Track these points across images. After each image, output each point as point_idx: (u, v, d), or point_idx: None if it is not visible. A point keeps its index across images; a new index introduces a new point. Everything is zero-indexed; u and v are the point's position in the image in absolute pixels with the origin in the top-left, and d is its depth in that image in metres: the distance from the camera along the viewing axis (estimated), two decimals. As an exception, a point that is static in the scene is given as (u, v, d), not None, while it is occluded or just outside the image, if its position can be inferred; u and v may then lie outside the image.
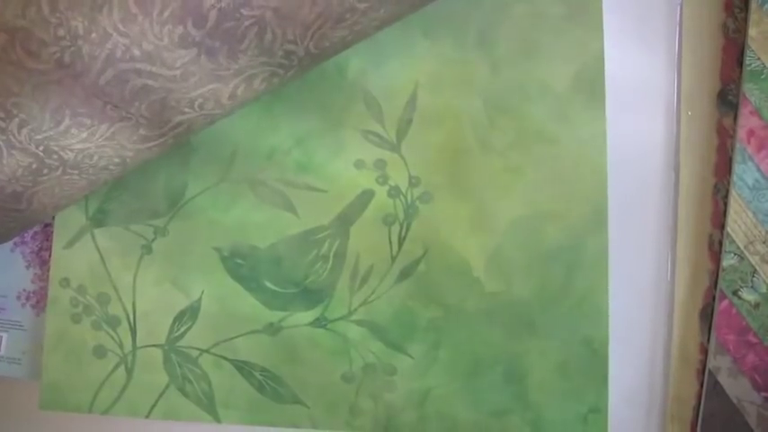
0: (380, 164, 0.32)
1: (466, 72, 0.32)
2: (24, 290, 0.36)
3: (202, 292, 0.33)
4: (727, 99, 0.32)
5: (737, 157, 0.32)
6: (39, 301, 0.35)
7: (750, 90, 0.32)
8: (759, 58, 0.31)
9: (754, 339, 0.31)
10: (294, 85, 0.33)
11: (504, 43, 0.32)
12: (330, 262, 0.32)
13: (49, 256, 0.34)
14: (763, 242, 0.31)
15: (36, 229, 0.35)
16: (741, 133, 0.32)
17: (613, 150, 0.32)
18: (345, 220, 0.32)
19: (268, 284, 0.33)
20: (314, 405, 0.32)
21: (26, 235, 0.36)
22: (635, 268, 0.33)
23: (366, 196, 0.32)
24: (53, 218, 0.34)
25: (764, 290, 0.31)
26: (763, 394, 0.31)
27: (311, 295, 0.33)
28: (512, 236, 0.32)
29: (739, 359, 0.31)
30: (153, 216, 0.33)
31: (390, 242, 0.32)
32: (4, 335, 0.35)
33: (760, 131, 0.31)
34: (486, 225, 0.32)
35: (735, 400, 0.31)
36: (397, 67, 0.32)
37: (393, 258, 0.32)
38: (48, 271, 0.34)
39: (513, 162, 0.32)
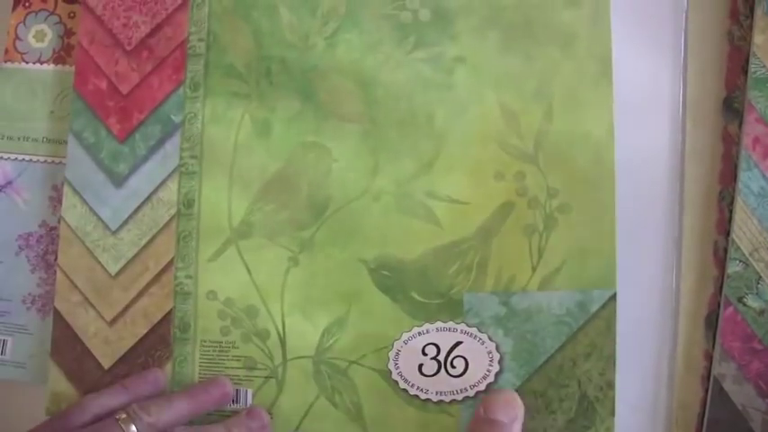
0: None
1: None
2: (30, 294, 0.35)
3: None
4: (733, 106, 0.33)
5: (743, 165, 0.32)
6: (44, 304, 0.35)
7: (755, 97, 0.32)
8: (764, 66, 0.31)
9: (759, 346, 0.31)
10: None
11: None
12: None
13: (55, 259, 0.34)
14: (769, 249, 0.31)
15: (41, 232, 0.35)
16: (746, 140, 0.32)
17: (619, 157, 0.32)
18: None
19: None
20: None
21: (31, 238, 0.36)
22: (640, 274, 0.33)
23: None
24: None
25: (769, 297, 0.31)
26: (768, 401, 0.31)
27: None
28: None
29: (744, 366, 0.31)
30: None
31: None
32: (10, 339, 0.35)
33: (765, 139, 0.32)
34: None
35: (740, 407, 0.31)
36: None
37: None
38: (54, 274, 0.34)
39: None
